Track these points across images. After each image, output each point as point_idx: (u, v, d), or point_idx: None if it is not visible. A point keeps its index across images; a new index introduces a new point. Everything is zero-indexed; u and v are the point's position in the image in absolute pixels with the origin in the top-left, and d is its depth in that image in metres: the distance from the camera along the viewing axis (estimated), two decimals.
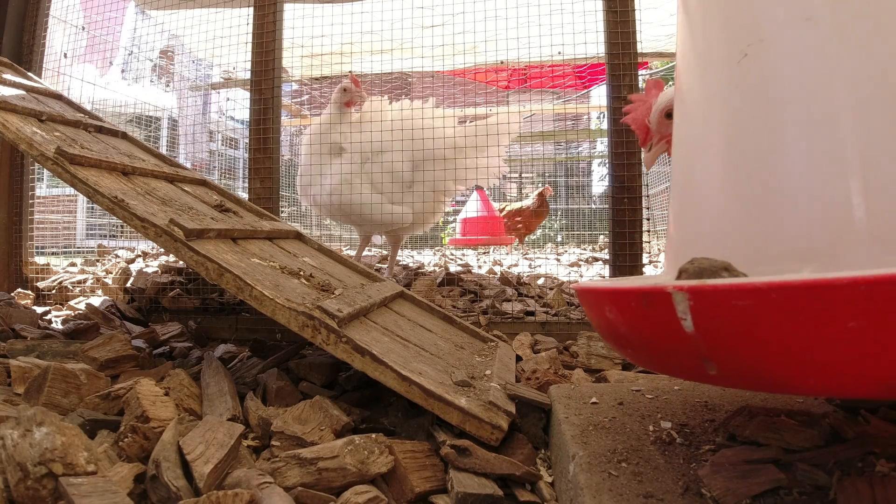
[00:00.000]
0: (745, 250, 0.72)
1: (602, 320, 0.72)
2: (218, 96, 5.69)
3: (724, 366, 0.56)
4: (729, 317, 0.52)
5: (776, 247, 0.69)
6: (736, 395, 1.08)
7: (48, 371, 1.12)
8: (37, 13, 2.71)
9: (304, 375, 1.38)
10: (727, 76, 0.78)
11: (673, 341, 0.58)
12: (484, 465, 0.94)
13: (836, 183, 0.65)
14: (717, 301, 0.52)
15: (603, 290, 0.70)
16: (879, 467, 0.70)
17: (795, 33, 0.70)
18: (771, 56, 0.72)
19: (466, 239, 6.32)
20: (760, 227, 0.71)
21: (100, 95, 3.49)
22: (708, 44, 0.85)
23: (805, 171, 0.68)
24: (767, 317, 0.49)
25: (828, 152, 0.66)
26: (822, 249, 0.65)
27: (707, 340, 0.55)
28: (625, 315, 0.66)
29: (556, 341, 1.86)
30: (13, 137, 1.49)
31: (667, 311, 0.56)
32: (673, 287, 0.55)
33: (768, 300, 0.49)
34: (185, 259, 1.26)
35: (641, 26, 2.13)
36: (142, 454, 0.93)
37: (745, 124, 0.75)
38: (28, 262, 2.61)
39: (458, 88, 5.30)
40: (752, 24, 0.75)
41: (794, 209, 0.68)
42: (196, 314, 2.13)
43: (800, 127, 0.69)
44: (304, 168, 2.74)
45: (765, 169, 0.72)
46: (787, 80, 0.71)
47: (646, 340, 0.65)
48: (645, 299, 0.60)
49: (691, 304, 0.53)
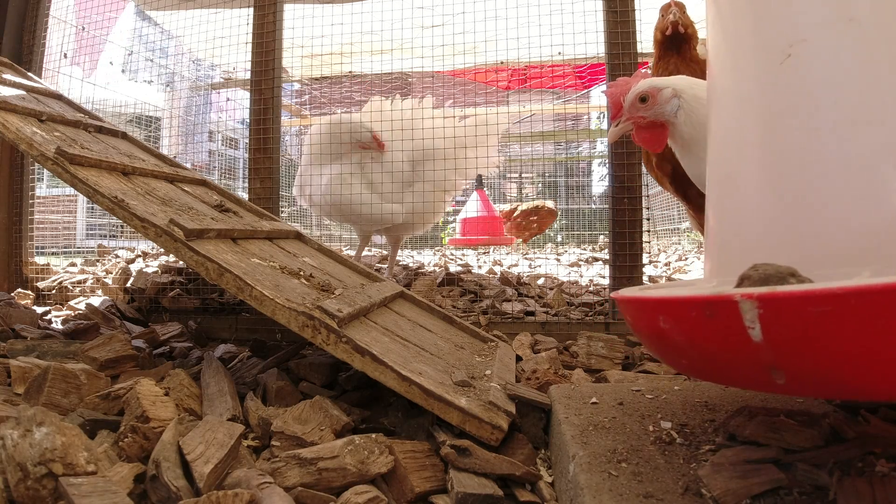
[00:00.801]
0: (790, 253, 0.70)
1: (652, 330, 0.70)
2: (218, 96, 5.69)
3: (794, 374, 0.55)
4: (802, 324, 0.50)
5: (823, 250, 0.68)
6: (736, 395, 1.08)
7: (48, 371, 1.12)
8: (37, 13, 2.70)
9: (304, 375, 1.38)
10: (766, 77, 0.77)
11: (738, 351, 0.57)
12: (484, 465, 0.94)
13: (886, 184, 0.64)
14: (790, 308, 0.51)
15: (655, 299, 0.68)
16: (879, 467, 0.70)
17: (839, 33, 0.70)
18: (814, 56, 0.72)
19: (466, 239, 6.32)
20: (806, 230, 0.70)
21: (100, 95, 3.49)
22: (745, 45, 0.84)
23: (852, 172, 0.67)
24: (845, 323, 0.48)
25: (877, 152, 0.65)
26: (873, 252, 0.63)
27: (776, 349, 0.53)
28: (682, 325, 0.64)
29: (556, 341, 1.86)
30: (13, 137, 1.49)
31: (733, 319, 0.54)
32: (741, 295, 0.53)
33: (847, 306, 0.47)
34: (185, 259, 1.26)
35: (641, 26, 2.12)
36: (142, 454, 0.93)
37: (789, 125, 0.74)
38: (28, 262, 2.61)
39: (458, 89, 5.29)
40: (793, 25, 0.74)
41: (843, 212, 0.67)
42: (196, 314, 2.13)
43: (847, 127, 0.68)
44: (304, 168, 2.75)
45: (810, 170, 0.71)
46: (832, 80, 0.70)
47: (706, 351, 0.63)
48: (708, 308, 0.57)
49: (760, 313, 0.52)
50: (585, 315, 2.12)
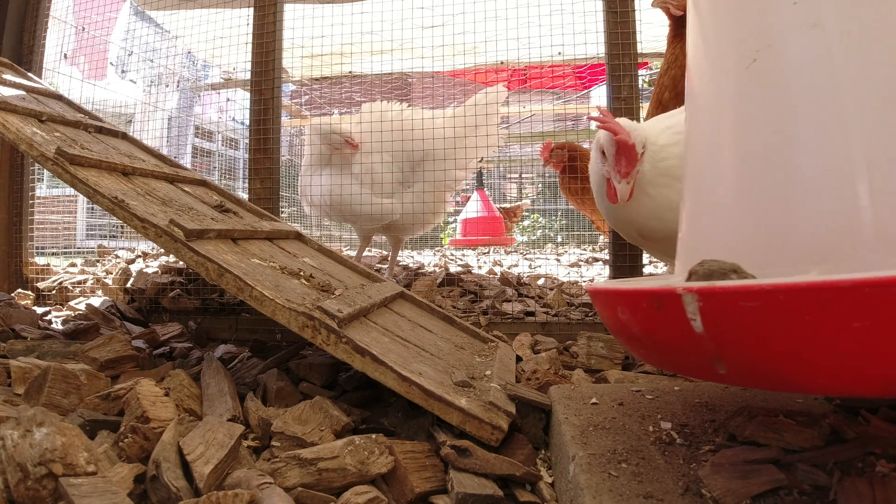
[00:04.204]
0: (755, 253, 0.72)
1: (614, 321, 0.74)
2: (219, 97, 5.69)
3: (732, 365, 0.57)
4: (737, 317, 0.53)
5: (786, 249, 0.70)
6: (736, 395, 1.08)
7: (48, 371, 1.12)
8: (37, 13, 2.71)
9: (304, 376, 1.37)
10: (737, 81, 0.78)
11: (683, 341, 0.59)
12: (484, 465, 0.94)
13: (844, 186, 0.65)
14: (726, 302, 0.53)
15: (615, 291, 0.72)
16: (879, 467, 0.70)
17: (803, 39, 0.71)
18: (779, 61, 0.73)
19: (466, 239, 6.32)
20: (770, 230, 0.72)
21: (100, 96, 3.49)
22: (718, 48, 0.86)
23: (813, 175, 0.69)
24: (774, 318, 0.50)
25: (836, 156, 0.67)
26: (830, 252, 0.66)
27: (716, 340, 0.56)
28: (637, 316, 0.67)
29: (556, 341, 1.86)
30: (13, 138, 1.49)
31: (677, 311, 0.57)
32: (683, 289, 0.56)
33: (775, 301, 0.50)
34: (186, 259, 1.26)
35: (641, 26, 2.12)
36: (142, 454, 0.93)
37: (755, 128, 0.76)
38: (28, 262, 2.61)
39: (458, 89, 5.30)
40: (760, 30, 0.75)
41: (803, 213, 0.69)
42: (196, 314, 2.13)
43: (808, 131, 0.70)
44: (304, 170, 2.75)
45: (774, 173, 0.72)
46: (795, 85, 0.71)
47: (657, 340, 0.66)
48: (656, 300, 0.61)
49: (700, 306, 0.55)
50: (585, 315, 2.12)
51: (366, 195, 2.60)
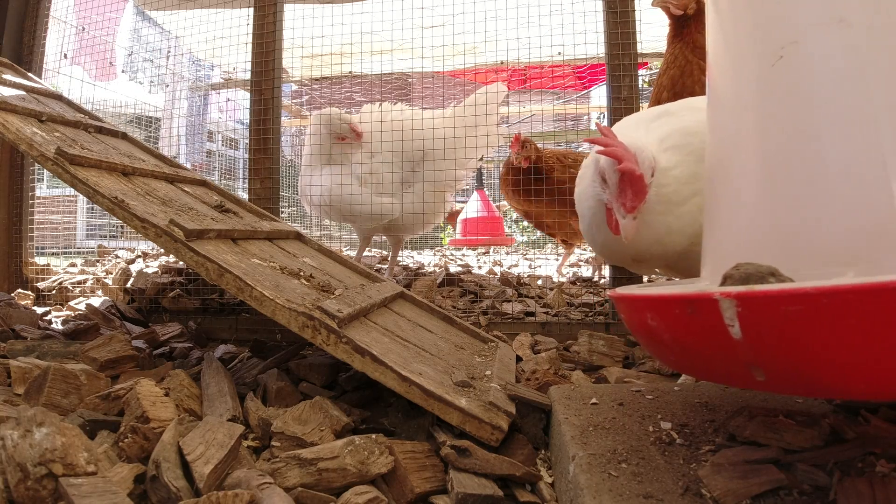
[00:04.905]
0: (782, 254, 0.71)
1: (643, 327, 0.71)
2: (218, 97, 5.69)
3: (772, 372, 0.55)
4: (779, 322, 0.51)
5: (814, 250, 0.68)
6: (736, 395, 1.08)
7: (48, 371, 1.12)
8: (37, 14, 2.71)
9: (304, 376, 1.37)
10: (761, 78, 0.77)
11: (718, 347, 0.57)
12: (484, 465, 0.94)
13: (877, 184, 0.64)
14: (766, 307, 0.51)
15: (644, 297, 0.69)
16: (879, 467, 0.70)
17: (829, 34, 0.70)
18: (805, 58, 0.72)
19: (466, 239, 6.32)
20: (798, 231, 0.71)
21: (100, 96, 3.49)
22: (740, 46, 0.84)
23: (844, 173, 0.67)
24: (819, 322, 0.49)
25: (867, 153, 0.65)
26: (860, 253, 0.64)
27: (755, 346, 0.54)
28: (668, 322, 0.65)
29: (556, 341, 1.86)
30: (13, 138, 1.49)
31: (713, 317, 0.55)
32: (720, 294, 0.54)
33: (820, 305, 0.48)
34: (186, 259, 1.26)
35: (641, 26, 2.12)
36: (142, 455, 0.93)
37: (781, 127, 0.74)
38: (28, 262, 2.61)
39: (457, 89, 5.30)
40: (785, 27, 0.74)
41: (832, 212, 0.67)
42: (196, 314, 2.13)
43: (837, 129, 0.69)
44: (304, 170, 2.76)
45: (802, 172, 0.71)
46: (822, 82, 0.70)
47: (690, 347, 0.64)
48: (690, 306, 0.59)
49: (739, 311, 0.53)
50: (585, 315, 2.12)
51: (366, 195, 2.60)
